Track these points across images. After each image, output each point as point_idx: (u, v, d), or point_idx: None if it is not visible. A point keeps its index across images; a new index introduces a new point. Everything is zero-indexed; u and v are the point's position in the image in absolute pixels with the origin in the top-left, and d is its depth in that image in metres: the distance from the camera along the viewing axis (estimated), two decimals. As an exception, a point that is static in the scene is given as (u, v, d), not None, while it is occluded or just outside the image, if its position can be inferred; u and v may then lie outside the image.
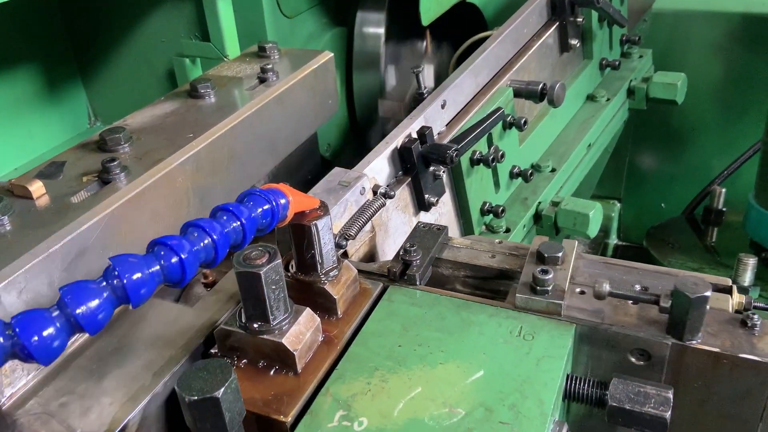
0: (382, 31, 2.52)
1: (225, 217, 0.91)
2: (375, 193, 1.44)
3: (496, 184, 1.88)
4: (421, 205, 1.59)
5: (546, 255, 1.22)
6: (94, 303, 0.76)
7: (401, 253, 1.28)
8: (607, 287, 1.13)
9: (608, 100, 2.48)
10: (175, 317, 1.18)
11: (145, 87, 2.15)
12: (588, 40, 2.45)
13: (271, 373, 1.07)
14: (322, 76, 1.86)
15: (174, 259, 0.81)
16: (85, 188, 1.25)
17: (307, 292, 1.17)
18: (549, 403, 0.99)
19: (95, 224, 1.16)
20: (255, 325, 1.06)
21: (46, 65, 2.19)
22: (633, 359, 1.13)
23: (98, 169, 1.29)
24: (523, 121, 1.79)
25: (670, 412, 1.03)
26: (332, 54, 1.90)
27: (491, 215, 1.82)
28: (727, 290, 1.21)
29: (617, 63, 2.61)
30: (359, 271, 1.26)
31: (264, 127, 1.63)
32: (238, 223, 0.91)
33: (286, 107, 1.72)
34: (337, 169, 1.44)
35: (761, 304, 1.52)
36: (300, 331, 1.08)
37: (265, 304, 1.03)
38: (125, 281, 0.77)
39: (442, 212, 1.73)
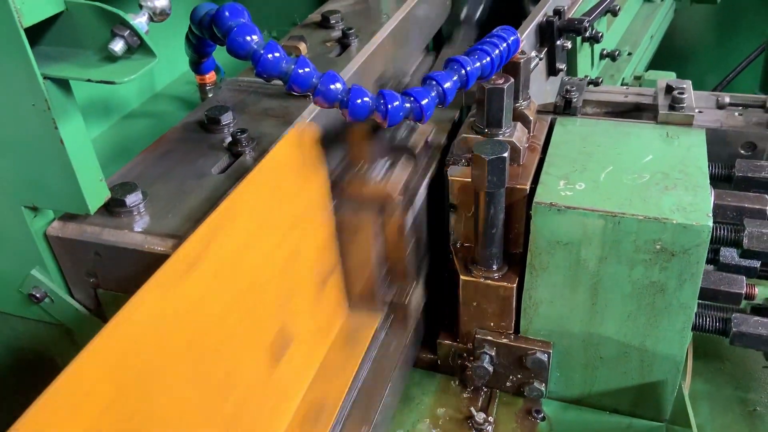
0: None
1: (495, 40, 1.35)
2: (527, 56, 1.87)
3: (592, 63, 2.32)
4: (551, 71, 2.02)
5: (674, 86, 1.67)
6: (450, 83, 1.21)
7: (563, 93, 1.72)
8: (727, 99, 1.59)
9: (662, 0, 2.92)
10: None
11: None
12: (645, -48, 2.88)
13: (502, 164, 1.52)
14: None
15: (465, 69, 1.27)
16: (332, 50, 1.67)
17: (511, 115, 1.62)
18: (705, 168, 1.45)
19: (357, 70, 1.58)
20: (490, 131, 1.51)
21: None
22: (742, 151, 1.60)
23: (336, 38, 1.71)
24: (618, 8, 2.22)
25: (781, 177, 1.50)
26: None
27: (591, 85, 2.26)
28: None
29: (666, -30, 3.04)
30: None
31: (420, 15, 2.04)
32: (505, 44, 1.35)
33: (429, 4, 2.12)
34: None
35: None
36: (520, 136, 1.53)
37: (502, 113, 1.48)
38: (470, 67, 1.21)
39: (556, 80, 2.16)
